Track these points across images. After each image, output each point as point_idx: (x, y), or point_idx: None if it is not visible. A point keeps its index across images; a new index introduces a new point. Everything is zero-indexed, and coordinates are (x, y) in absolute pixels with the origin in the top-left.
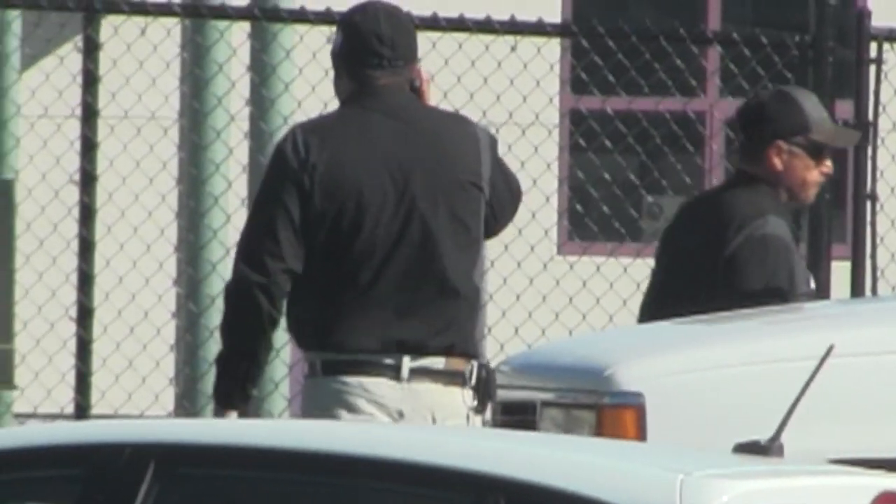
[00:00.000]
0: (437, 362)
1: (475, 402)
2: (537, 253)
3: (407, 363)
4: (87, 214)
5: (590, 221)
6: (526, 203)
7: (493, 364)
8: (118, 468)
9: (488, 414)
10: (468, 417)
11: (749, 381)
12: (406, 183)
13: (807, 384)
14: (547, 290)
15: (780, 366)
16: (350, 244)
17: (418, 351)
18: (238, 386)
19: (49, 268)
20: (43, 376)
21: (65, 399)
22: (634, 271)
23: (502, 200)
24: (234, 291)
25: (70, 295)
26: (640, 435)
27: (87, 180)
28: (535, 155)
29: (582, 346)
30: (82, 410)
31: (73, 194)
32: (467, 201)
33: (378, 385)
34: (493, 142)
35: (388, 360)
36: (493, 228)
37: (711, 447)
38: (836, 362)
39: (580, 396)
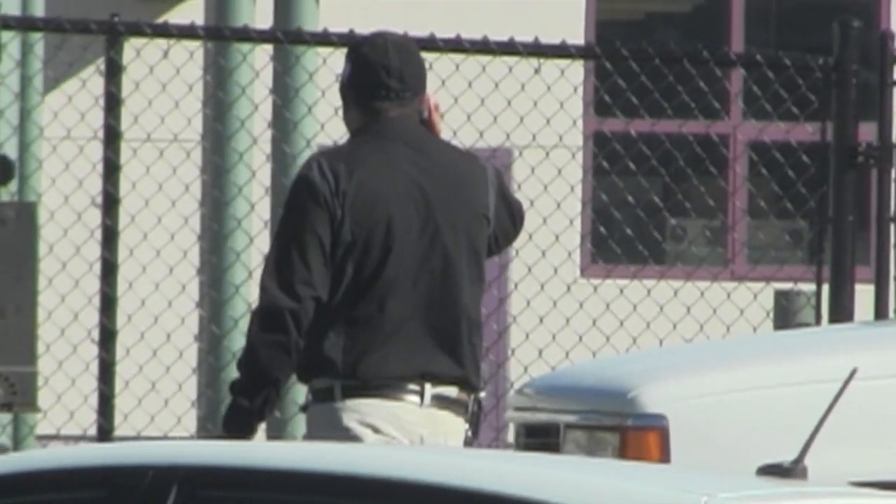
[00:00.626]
0: (452, 391)
1: (469, 433)
2: (561, 275)
3: (430, 390)
4: (109, 237)
5: (613, 244)
6: (549, 226)
7: (516, 386)
8: (141, 490)
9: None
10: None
11: (772, 404)
12: (429, 213)
13: (830, 407)
14: (570, 312)
15: (803, 388)
16: (378, 272)
17: (439, 379)
18: (256, 413)
19: (72, 290)
20: (66, 398)
21: (87, 421)
22: (658, 294)
23: (505, 230)
24: (266, 316)
25: (93, 317)
26: (664, 457)
27: (110, 202)
28: (558, 177)
29: (605, 369)
30: (105, 433)
31: (95, 217)
32: (480, 234)
33: (403, 409)
34: (498, 174)
35: (412, 386)
36: (490, 255)
37: (735, 469)
38: (859, 385)
39: (604, 419)
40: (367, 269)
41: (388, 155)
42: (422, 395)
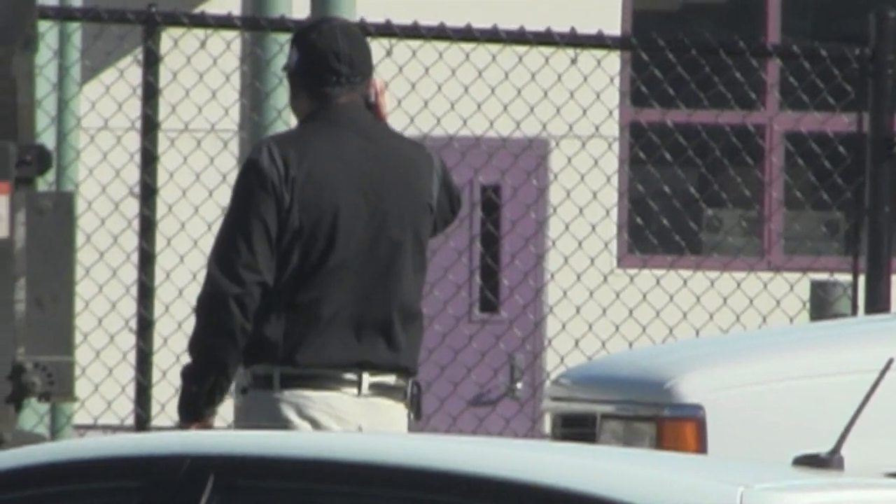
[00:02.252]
0: (390, 379)
1: (412, 417)
2: (597, 266)
3: (367, 379)
4: (147, 227)
5: (650, 234)
6: (586, 216)
7: (552, 377)
8: (178, 480)
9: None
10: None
11: (809, 394)
12: (377, 201)
13: (867, 397)
14: (607, 302)
15: (839, 379)
16: (323, 260)
17: (377, 368)
18: (206, 398)
19: (109, 280)
20: (103, 388)
21: (125, 411)
22: (694, 284)
23: (445, 217)
24: (209, 302)
25: (130, 307)
26: (700, 447)
27: (147, 193)
28: (594, 168)
29: (642, 359)
30: (142, 422)
31: (133, 207)
32: (425, 222)
33: (340, 399)
34: (442, 164)
35: (349, 376)
36: None
37: (771, 460)
38: (895, 376)
39: (640, 409)
40: (313, 256)
41: (338, 142)
42: (359, 384)
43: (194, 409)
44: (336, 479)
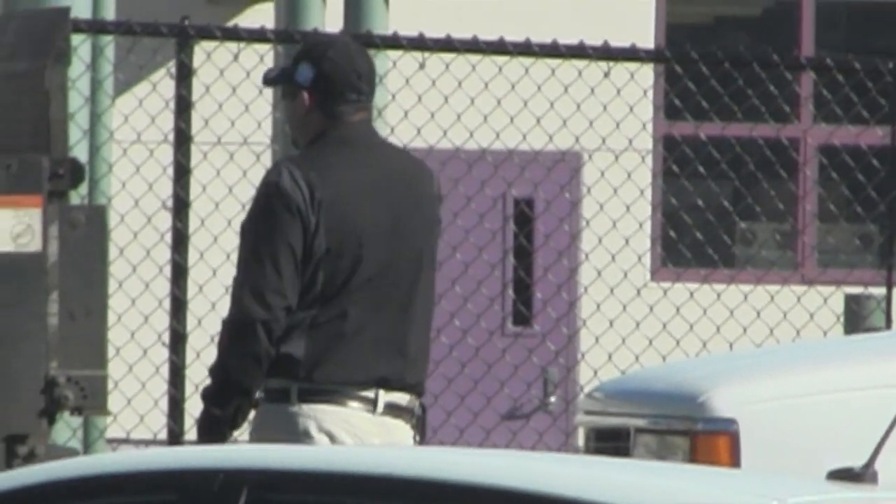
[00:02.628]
0: (403, 398)
1: (417, 439)
2: (631, 279)
3: (383, 398)
4: (179, 240)
5: (683, 248)
6: (619, 229)
7: (586, 390)
8: (211, 494)
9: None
10: None
11: (842, 408)
12: (395, 220)
13: None
14: (640, 316)
15: (873, 392)
16: (346, 280)
17: (393, 386)
18: (228, 422)
19: (142, 293)
20: (136, 402)
21: (157, 425)
22: (728, 297)
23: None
24: (236, 327)
25: (163, 321)
26: (734, 461)
27: (180, 206)
28: (628, 181)
29: (675, 373)
30: (175, 436)
31: (165, 220)
32: (434, 239)
33: (357, 417)
34: (437, 179)
35: (366, 394)
36: None
37: (805, 474)
38: None
39: (674, 423)
40: (338, 276)
41: (356, 162)
42: (375, 403)
43: (216, 433)
44: (369, 493)
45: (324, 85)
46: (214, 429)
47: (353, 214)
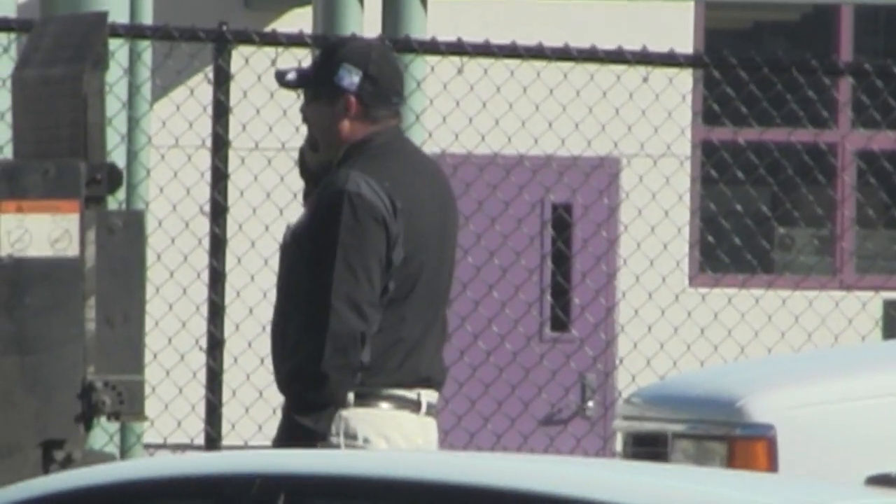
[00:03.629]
0: (436, 397)
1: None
2: (669, 284)
3: (425, 398)
4: (217, 245)
5: (721, 253)
6: (657, 235)
7: (624, 395)
8: (248, 499)
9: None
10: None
11: (881, 413)
12: (443, 226)
13: None
14: (678, 321)
15: None
16: (412, 287)
17: (433, 386)
18: (322, 435)
19: (179, 298)
20: (173, 407)
21: (195, 430)
22: (766, 303)
23: None
24: (338, 338)
25: (200, 326)
26: (772, 466)
27: (218, 211)
28: (666, 186)
29: (713, 378)
30: (212, 441)
31: (203, 225)
32: (455, 241)
33: (406, 418)
34: None
35: (411, 395)
36: None
37: (843, 479)
38: None
39: (712, 428)
40: (406, 283)
41: (412, 169)
42: (420, 403)
43: (309, 446)
44: (404, 497)
45: (371, 89)
46: (307, 443)
47: (421, 222)
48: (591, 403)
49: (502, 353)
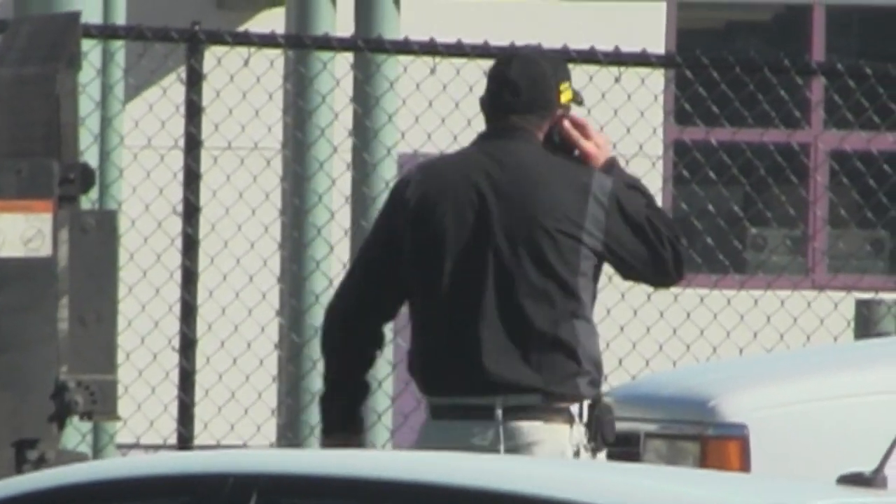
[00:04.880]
0: (533, 400)
1: (587, 440)
2: (641, 284)
3: (500, 403)
4: (190, 245)
5: (693, 253)
6: None
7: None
8: (221, 499)
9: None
10: (578, 454)
11: (853, 413)
12: (486, 220)
13: None
14: (651, 321)
15: (884, 397)
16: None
17: (510, 390)
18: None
19: (152, 299)
20: (146, 407)
21: (167, 430)
22: (738, 303)
23: (627, 249)
24: None
25: (173, 326)
26: (744, 466)
27: (191, 211)
28: None
29: (686, 378)
30: (185, 441)
31: (176, 225)
32: (553, 247)
33: (479, 426)
34: (610, 194)
35: (482, 402)
36: (628, 275)
37: (815, 478)
38: None
39: (684, 428)
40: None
41: (455, 166)
42: (492, 409)
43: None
44: (376, 496)
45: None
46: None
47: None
48: None
49: None
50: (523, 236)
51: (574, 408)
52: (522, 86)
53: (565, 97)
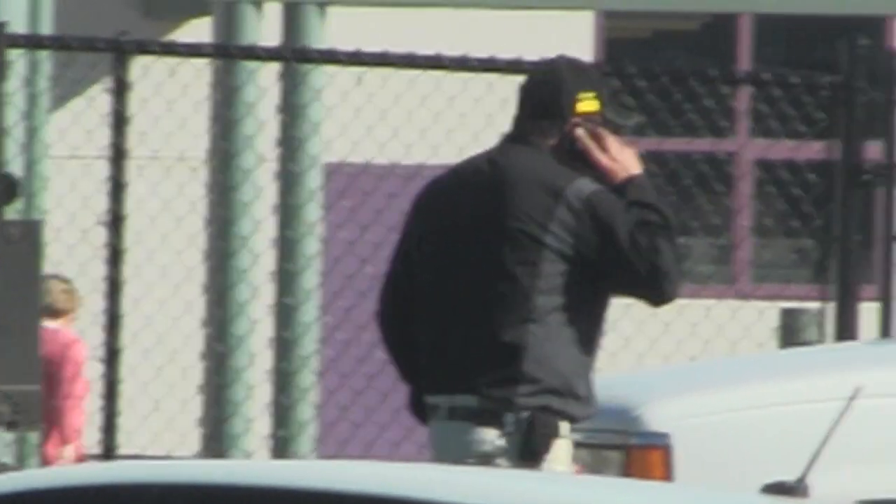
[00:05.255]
0: (469, 401)
1: (517, 450)
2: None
3: (510, 419)
4: (115, 255)
5: None
6: None
7: None
8: None
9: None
10: (491, 461)
11: (776, 422)
12: (460, 221)
13: (834, 425)
14: None
15: (807, 406)
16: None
17: (455, 391)
18: None
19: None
20: None
21: (91, 440)
22: (663, 312)
23: (601, 256)
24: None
25: (98, 335)
26: (667, 475)
27: (116, 221)
28: None
29: (609, 387)
30: (109, 451)
31: (101, 235)
32: (512, 249)
33: (435, 426)
34: (585, 199)
35: (436, 401)
36: (610, 286)
37: (739, 488)
38: (863, 403)
39: (608, 437)
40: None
41: (458, 174)
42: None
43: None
44: None
45: None
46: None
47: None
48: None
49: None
50: (485, 237)
51: (509, 416)
52: (533, 91)
53: (585, 107)
